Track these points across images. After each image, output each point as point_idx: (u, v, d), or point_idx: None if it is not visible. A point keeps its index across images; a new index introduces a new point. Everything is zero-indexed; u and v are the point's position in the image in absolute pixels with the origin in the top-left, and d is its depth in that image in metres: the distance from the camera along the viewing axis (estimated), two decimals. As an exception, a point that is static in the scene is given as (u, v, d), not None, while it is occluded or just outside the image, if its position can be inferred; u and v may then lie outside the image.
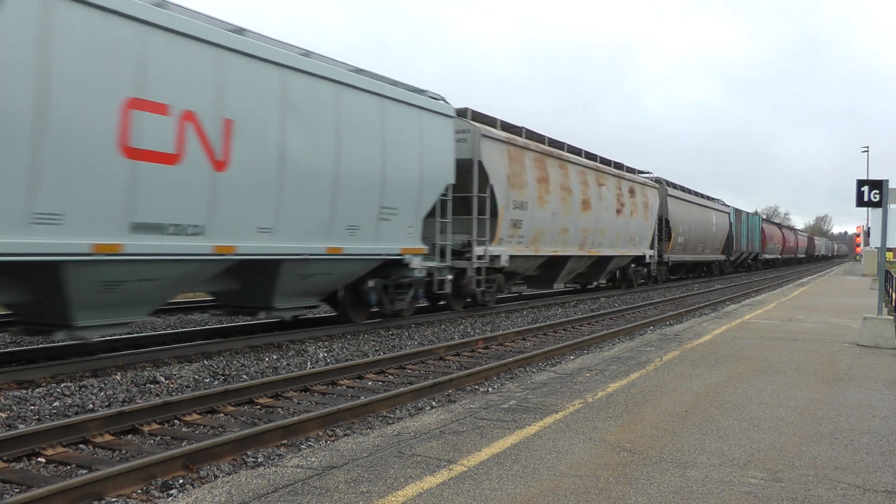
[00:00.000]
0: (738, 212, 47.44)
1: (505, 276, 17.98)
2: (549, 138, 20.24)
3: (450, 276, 15.10)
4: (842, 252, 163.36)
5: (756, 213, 66.61)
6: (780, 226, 75.80)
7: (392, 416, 7.56)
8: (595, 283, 26.94)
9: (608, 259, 24.19)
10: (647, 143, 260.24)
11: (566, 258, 20.66)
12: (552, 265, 20.52)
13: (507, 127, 18.10)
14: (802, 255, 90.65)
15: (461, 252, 15.84)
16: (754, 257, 54.02)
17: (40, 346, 10.41)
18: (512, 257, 17.23)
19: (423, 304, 16.45)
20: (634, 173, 27.31)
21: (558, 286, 24.17)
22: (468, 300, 16.83)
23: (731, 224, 43.61)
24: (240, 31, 10.33)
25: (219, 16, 10.64)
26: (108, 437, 6.41)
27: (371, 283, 13.15)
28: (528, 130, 18.89)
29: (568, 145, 21.34)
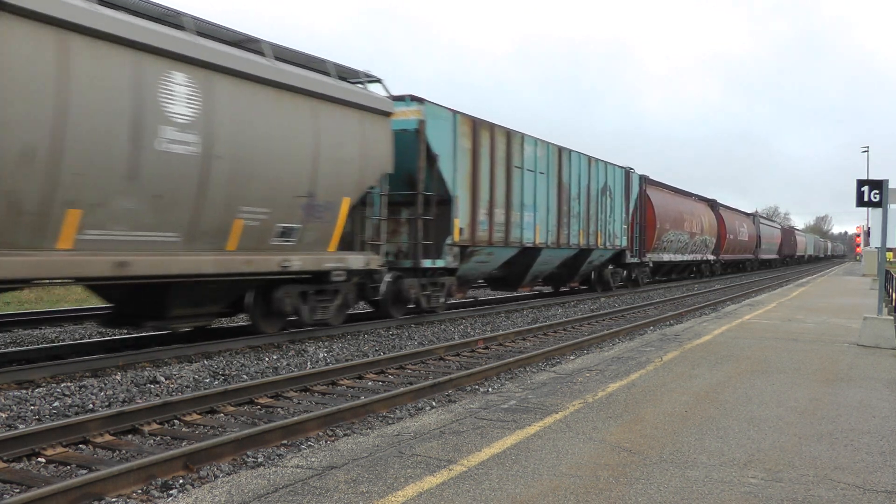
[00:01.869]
0: (478, 125, 16.49)
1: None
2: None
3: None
4: (838, 252, 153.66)
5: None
6: (714, 204, 42.68)
7: (392, 416, 7.56)
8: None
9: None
10: (646, 143, 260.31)
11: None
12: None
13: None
14: (772, 256, 61.62)
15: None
16: (614, 259, 26.04)
17: (40, 346, 10.41)
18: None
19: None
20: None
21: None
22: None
23: (416, 145, 14.70)
24: None
25: (216, 16, 10.17)
26: (108, 437, 6.41)
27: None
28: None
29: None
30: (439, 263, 15.27)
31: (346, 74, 12.68)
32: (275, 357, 10.57)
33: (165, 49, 8.94)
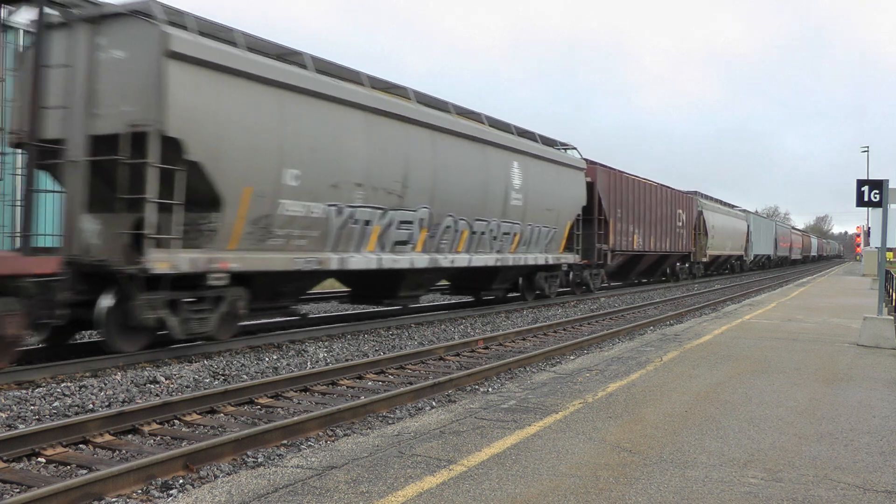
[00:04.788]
0: None
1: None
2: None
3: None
4: (832, 251, 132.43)
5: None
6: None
7: (392, 416, 7.56)
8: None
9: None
10: (644, 140, 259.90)
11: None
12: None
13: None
14: (528, 259, 19.42)
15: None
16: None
17: (40, 346, 10.40)
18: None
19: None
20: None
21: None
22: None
23: None
24: None
25: (207, 10, 9.88)
26: (108, 437, 6.41)
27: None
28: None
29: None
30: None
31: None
32: (275, 357, 10.57)
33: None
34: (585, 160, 22.69)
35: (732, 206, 50.45)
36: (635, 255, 28.26)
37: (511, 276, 19.59)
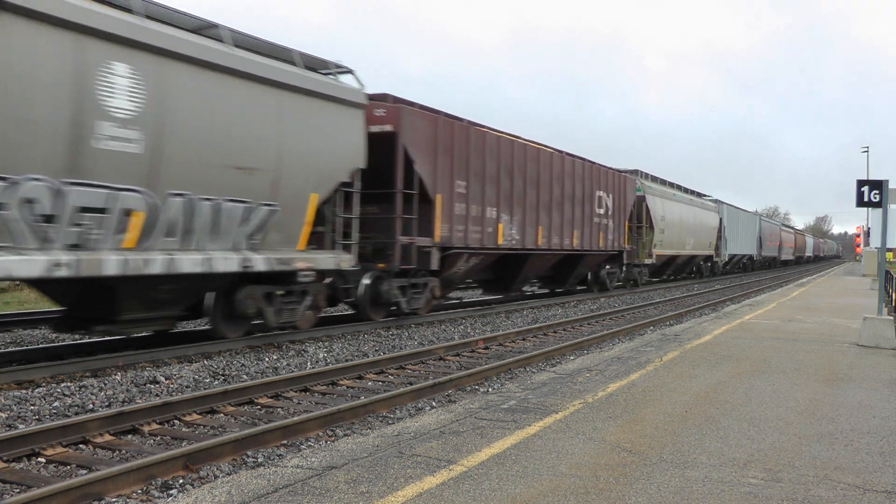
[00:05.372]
0: None
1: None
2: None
3: None
4: (826, 251, 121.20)
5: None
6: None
7: (392, 416, 7.56)
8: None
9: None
10: (644, 141, 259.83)
11: None
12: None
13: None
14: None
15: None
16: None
17: (40, 346, 10.41)
18: None
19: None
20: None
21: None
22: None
23: None
24: None
25: (198, 9, 9.14)
26: (108, 437, 6.41)
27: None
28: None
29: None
30: None
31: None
32: (275, 357, 10.58)
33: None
34: (380, 96, 14.39)
35: (700, 195, 39.72)
36: (509, 254, 18.20)
37: (165, 297, 9.98)
